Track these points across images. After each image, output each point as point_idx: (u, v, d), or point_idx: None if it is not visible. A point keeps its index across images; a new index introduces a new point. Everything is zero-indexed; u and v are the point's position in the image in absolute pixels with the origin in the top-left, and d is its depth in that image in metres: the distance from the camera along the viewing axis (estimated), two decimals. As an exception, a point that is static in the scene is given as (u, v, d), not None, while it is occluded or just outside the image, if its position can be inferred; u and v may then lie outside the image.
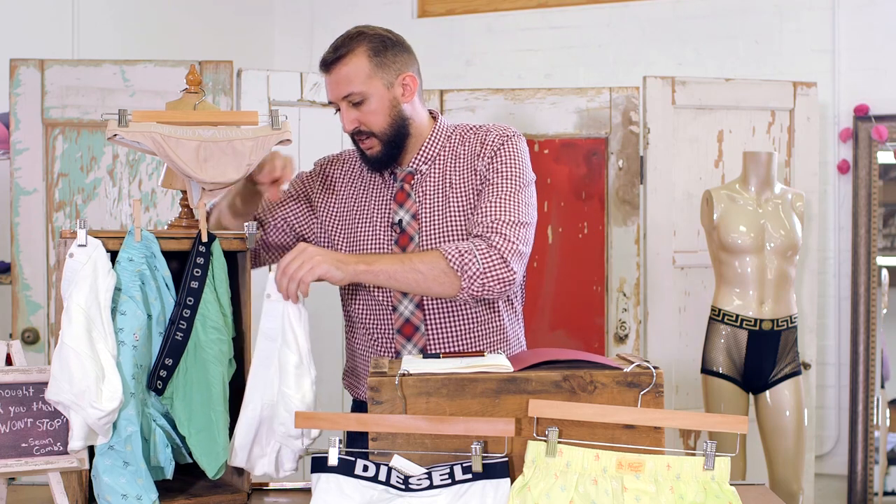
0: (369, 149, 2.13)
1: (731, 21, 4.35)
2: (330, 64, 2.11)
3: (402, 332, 2.14)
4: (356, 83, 2.09)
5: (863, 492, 4.08)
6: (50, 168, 3.30)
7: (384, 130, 2.12)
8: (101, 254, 1.74)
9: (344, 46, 2.10)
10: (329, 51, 2.13)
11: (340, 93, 2.10)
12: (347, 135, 2.17)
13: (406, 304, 2.13)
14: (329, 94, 2.13)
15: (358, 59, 2.10)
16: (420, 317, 2.13)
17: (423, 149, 2.18)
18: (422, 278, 1.97)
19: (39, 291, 3.29)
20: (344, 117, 2.11)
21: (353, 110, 2.10)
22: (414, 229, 2.13)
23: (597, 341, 3.64)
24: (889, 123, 4.12)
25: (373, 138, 2.12)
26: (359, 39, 2.11)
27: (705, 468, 1.62)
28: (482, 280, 1.99)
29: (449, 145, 2.19)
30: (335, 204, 2.25)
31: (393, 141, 2.13)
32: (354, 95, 2.09)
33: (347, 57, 2.10)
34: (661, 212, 3.61)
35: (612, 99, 3.62)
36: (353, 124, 2.11)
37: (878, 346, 4.08)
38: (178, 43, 4.31)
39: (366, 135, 2.12)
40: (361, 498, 1.62)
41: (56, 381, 1.68)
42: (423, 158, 2.17)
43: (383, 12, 4.72)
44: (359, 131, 2.12)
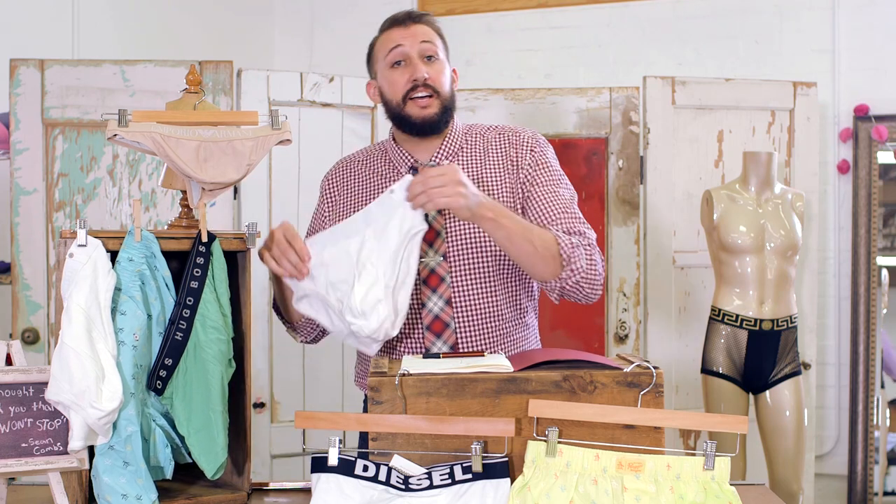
0: (426, 107, 2.13)
1: (731, 21, 4.35)
2: (411, 19, 2.17)
3: (431, 329, 2.13)
4: (434, 42, 2.16)
5: (863, 492, 4.08)
6: (50, 168, 3.31)
7: (445, 94, 2.15)
8: (101, 254, 1.74)
9: (420, 13, 2.20)
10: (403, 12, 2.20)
11: (420, 41, 2.14)
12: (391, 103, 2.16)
13: (435, 300, 2.11)
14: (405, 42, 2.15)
15: (432, 28, 2.19)
16: (450, 313, 2.12)
17: (447, 142, 2.19)
18: (532, 251, 1.99)
19: (39, 291, 3.29)
20: (418, 66, 2.13)
21: (424, 63, 2.14)
22: (440, 224, 2.12)
23: (597, 341, 3.64)
24: (889, 123, 4.12)
25: (434, 98, 2.14)
26: (430, 16, 2.21)
27: (705, 468, 1.62)
28: (578, 277, 2.03)
29: (469, 142, 2.21)
30: (349, 203, 2.24)
31: (448, 109, 2.16)
32: (431, 48, 2.14)
33: (425, 22, 2.18)
34: (661, 212, 3.61)
35: (612, 99, 3.62)
36: (425, 74, 2.13)
37: (878, 346, 4.08)
38: (178, 43, 4.31)
39: (430, 91, 2.13)
40: (361, 498, 1.62)
41: (56, 381, 1.68)
42: (444, 153, 2.18)
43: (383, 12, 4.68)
44: (425, 84, 2.13)
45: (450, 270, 2.12)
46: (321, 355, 3.58)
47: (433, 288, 2.12)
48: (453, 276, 2.12)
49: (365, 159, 2.29)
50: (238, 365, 1.92)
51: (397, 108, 2.16)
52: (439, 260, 2.11)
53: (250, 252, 1.95)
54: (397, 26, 2.17)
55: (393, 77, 2.15)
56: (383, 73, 2.18)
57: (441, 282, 2.12)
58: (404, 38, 2.15)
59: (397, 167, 2.21)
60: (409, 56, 2.14)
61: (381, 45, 2.20)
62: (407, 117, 2.15)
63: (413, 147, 2.20)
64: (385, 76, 2.18)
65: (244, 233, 1.92)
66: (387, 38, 2.18)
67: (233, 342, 1.89)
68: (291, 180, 3.49)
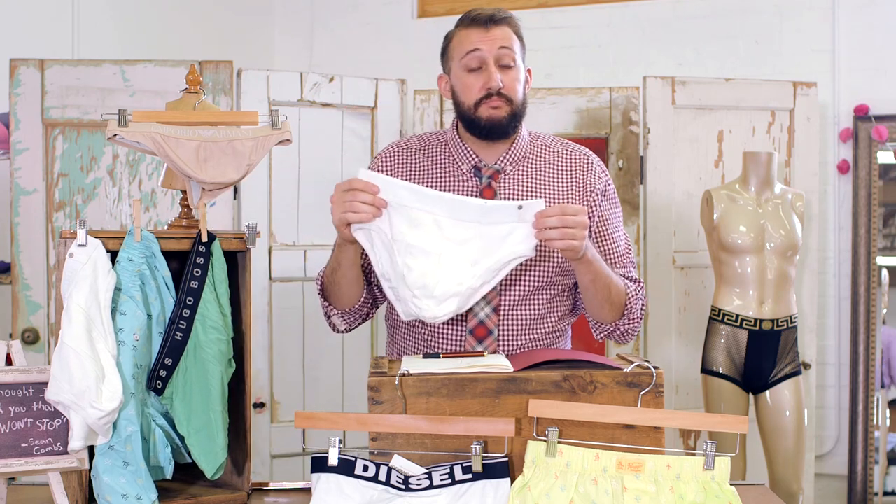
0: (497, 108, 2.09)
1: (731, 21, 4.35)
2: (494, 21, 2.11)
3: (474, 333, 2.11)
4: (512, 48, 2.12)
5: (863, 492, 4.08)
6: (50, 168, 3.30)
7: (518, 102, 2.12)
8: (101, 254, 1.74)
9: (504, 13, 2.14)
10: (489, 10, 2.13)
11: (497, 47, 2.09)
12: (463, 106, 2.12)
13: (482, 305, 2.09)
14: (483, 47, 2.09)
15: (512, 30, 2.14)
16: (495, 321, 2.11)
17: (512, 149, 2.16)
18: (607, 297, 2.07)
19: (39, 291, 3.29)
20: (494, 73, 2.08)
21: (500, 71, 2.10)
22: None
23: (597, 341, 3.64)
24: (889, 123, 4.12)
25: (506, 103, 2.10)
26: (512, 17, 2.16)
27: (705, 468, 1.62)
28: (630, 326, 2.13)
29: (534, 151, 2.19)
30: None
31: (518, 115, 2.13)
32: (509, 56, 2.10)
33: (506, 24, 2.12)
34: (661, 212, 3.61)
35: (612, 99, 3.62)
36: (501, 83, 2.09)
37: (878, 346, 4.08)
38: (178, 43, 4.31)
39: (503, 98, 2.10)
40: (361, 498, 1.62)
41: (56, 381, 1.68)
42: (510, 158, 2.15)
43: (383, 12, 4.72)
44: (500, 93, 2.09)
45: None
46: (321, 355, 3.58)
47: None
48: (503, 285, 2.10)
49: (423, 147, 2.23)
50: (238, 365, 1.92)
51: (468, 112, 2.12)
52: None
53: (250, 252, 1.95)
54: (477, 27, 2.11)
55: (468, 81, 2.11)
56: (457, 73, 2.14)
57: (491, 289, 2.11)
58: (483, 42, 2.09)
59: (458, 163, 2.16)
60: (486, 62, 2.09)
61: (457, 42, 2.14)
62: (477, 120, 2.11)
63: (478, 147, 2.16)
64: (459, 77, 2.13)
65: (244, 233, 1.92)
66: (465, 37, 2.12)
67: (233, 342, 1.89)
68: (291, 180, 3.49)
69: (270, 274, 3.45)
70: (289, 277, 3.47)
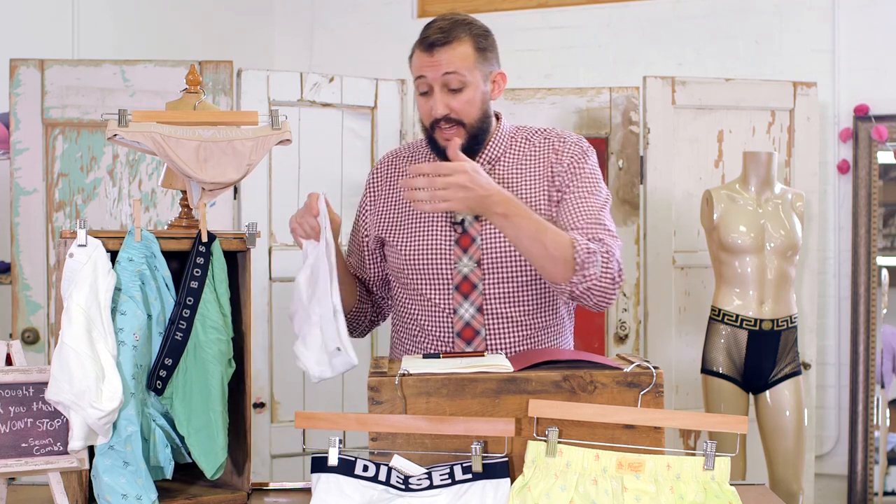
0: (449, 140, 2.06)
1: (731, 21, 4.35)
2: (437, 45, 2.04)
3: (461, 336, 2.11)
4: (462, 69, 2.04)
5: (863, 492, 4.07)
6: (50, 168, 3.30)
7: (473, 122, 2.08)
8: (101, 254, 1.74)
9: (453, 31, 2.05)
10: (434, 31, 2.06)
11: (441, 74, 2.03)
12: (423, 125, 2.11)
13: (467, 307, 2.10)
14: (427, 74, 2.05)
15: (465, 46, 2.05)
16: (481, 321, 2.11)
17: (488, 149, 2.14)
18: (543, 252, 1.94)
19: (39, 291, 3.29)
20: (437, 101, 2.04)
21: (448, 96, 2.05)
22: (476, 230, 2.10)
23: (597, 341, 3.64)
24: (889, 123, 4.11)
25: (459, 127, 2.06)
26: (467, 27, 2.07)
27: (705, 468, 1.62)
28: (590, 284, 1.97)
29: (513, 146, 2.17)
30: (391, 198, 2.21)
31: (477, 135, 2.09)
32: (456, 79, 2.04)
33: (456, 43, 2.04)
34: (661, 212, 3.61)
35: (612, 99, 3.62)
36: (445, 109, 2.04)
37: (878, 346, 4.08)
38: (178, 43, 4.31)
39: (453, 123, 2.06)
40: (361, 498, 1.62)
41: (56, 381, 1.68)
42: (486, 158, 2.14)
43: (383, 12, 4.72)
44: (447, 118, 2.06)
45: (483, 278, 2.10)
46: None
47: (465, 294, 2.10)
48: (486, 284, 2.10)
49: (411, 155, 2.24)
50: (238, 365, 1.92)
51: (428, 132, 2.11)
52: (473, 267, 2.09)
53: (250, 252, 1.95)
54: (423, 50, 2.06)
55: (420, 104, 2.10)
56: (415, 94, 2.12)
57: (473, 289, 2.10)
58: (427, 69, 2.05)
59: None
60: (432, 87, 2.06)
61: (412, 62, 2.11)
62: (436, 143, 2.10)
63: None
64: (416, 98, 2.12)
65: (244, 233, 1.92)
66: (415, 60, 2.09)
67: (233, 342, 1.89)
68: (291, 180, 3.49)
69: (270, 274, 3.45)
70: (289, 277, 3.46)
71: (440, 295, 2.12)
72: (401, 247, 2.15)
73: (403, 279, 2.17)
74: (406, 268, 2.15)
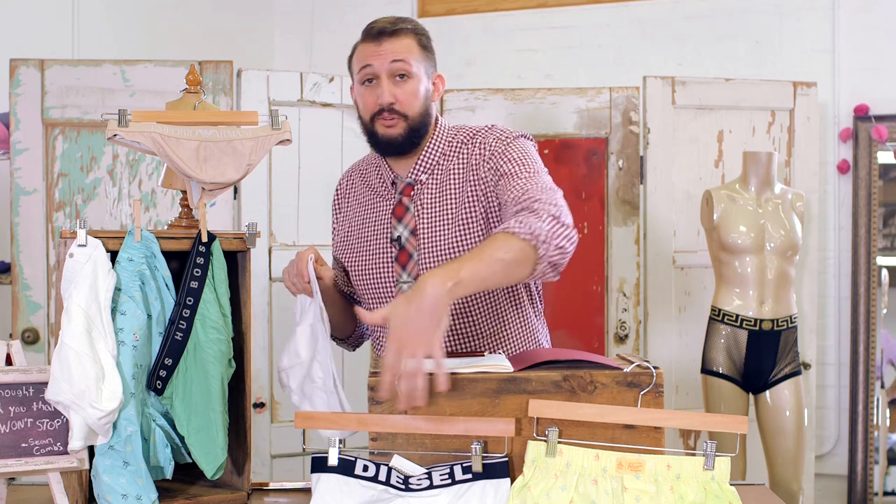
0: (391, 127, 2.05)
1: (731, 21, 4.35)
2: (386, 34, 2.05)
3: None
4: (409, 58, 2.05)
5: (863, 492, 4.08)
6: (50, 168, 3.31)
7: (415, 116, 2.06)
8: (101, 254, 1.74)
9: (399, 23, 2.08)
10: (381, 23, 2.08)
11: (389, 61, 2.03)
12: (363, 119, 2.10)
13: None
14: (374, 63, 2.04)
15: (411, 39, 2.07)
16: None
17: (423, 157, 2.10)
18: (505, 266, 1.77)
19: (39, 291, 3.29)
20: (385, 89, 2.03)
21: (394, 85, 2.04)
22: (413, 246, 2.07)
23: (597, 341, 3.64)
24: (889, 123, 4.11)
25: (400, 119, 2.05)
26: (412, 24, 2.10)
27: (705, 468, 1.62)
28: (552, 241, 1.82)
29: (449, 152, 2.11)
30: (347, 217, 2.22)
31: (417, 130, 2.06)
32: (403, 68, 2.04)
33: (403, 34, 2.06)
34: (661, 212, 3.61)
35: (612, 99, 3.62)
36: (391, 98, 2.03)
37: (879, 346, 4.08)
38: (178, 43, 4.31)
39: (397, 115, 2.04)
40: (361, 498, 1.62)
41: (56, 381, 1.68)
42: (422, 167, 2.10)
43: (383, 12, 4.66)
44: (392, 108, 2.04)
45: None
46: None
47: None
48: None
49: (365, 169, 2.25)
50: (238, 365, 1.92)
51: (367, 126, 2.10)
52: (412, 283, 2.06)
53: (250, 252, 1.95)
54: (370, 41, 2.06)
55: (363, 94, 2.08)
56: (356, 87, 2.10)
57: None
58: (374, 58, 2.04)
59: (384, 180, 2.15)
60: (378, 76, 2.05)
61: (356, 56, 2.10)
62: (375, 136, 2.09)
63: (393, 162, 2.13)
64: (357, 91, 2.10)
65: (244, 233, 1.92)
66: (361, 51, 2.08)
67: (233, 342, 1.89)
68: (291, 180, 3.49)
69: (270, 274, 3.45)
70: (289, 277, 3.47)
71: None
72: (351, 266, 2.17)
73: (361, 298, 2.19)
74: (358, 288, 2.17)
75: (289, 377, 2.00)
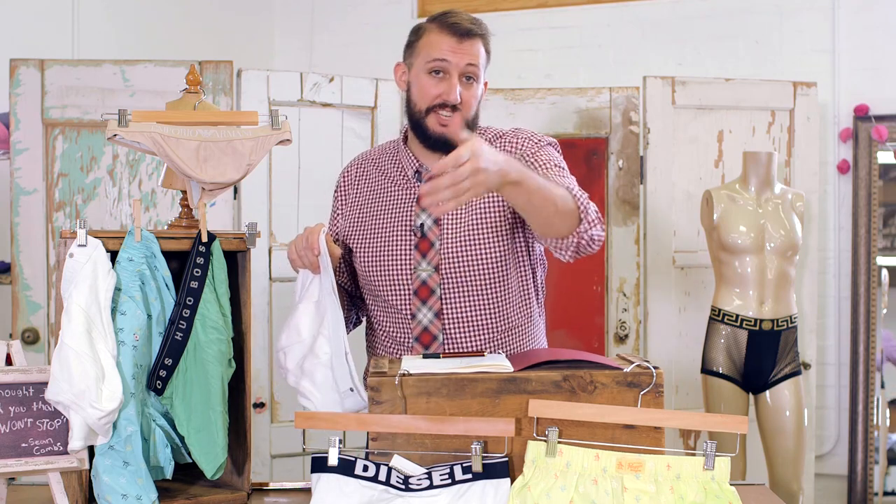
0: (447, 125, 2.07)
1: (731, 21, 4.35)
2: (470, 35, 2.08)
3: (420, 340, 2.12)
4: (479, 64, 2.10)
5: (863, 492, 4.08)
6: (50, 168, 3.31)
7: (469, 117, 2.10)
8: (101, 254, 1.74)
9: (480, 27, 2.11)
10: (466, 21, 2.09)
11: (465, 63, 2.07)
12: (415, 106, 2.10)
13: (425, 311, 2.11)
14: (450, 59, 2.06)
15: (482, 44, 2.12)
16: (438, 325, 2.11)
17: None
18: (554, 209, 1.88)
19: (39, 291, 3.29)
20: (455, 87, 2.06)
21: (462, 85, 2.08)
22: (435, 234, 2.10)
23: (597, 341, 3.64)
24: (889, 123, 4.11)
25: (459, 117, 2.08)
26: (486, 28, 2.13)
27: (705, 468, 1.62)
28: (593, 227, 1.94)
29: None
30: (357, 203, 2.23)
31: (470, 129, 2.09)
32: (474, 72, 2.09)
33: (481, 38, 2.11)
34: (661, 212, 3.61)
35: (612, 99, 3.62)
36: (460, 98, 2.07)
37: (879, 346, 4.08)
38: (178, 43, 4.31)
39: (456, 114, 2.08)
40: (361, 498, 1.62)
41: (56, 381, 1.68)
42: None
43: (383, 12, 4.72)
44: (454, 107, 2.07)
45: (441, 283, 2.10)
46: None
47: (423, 300, 2.11)
48: (444, 289, 2.10)
49: (378, 157, 2.26)
50: (238, 365, 1.92)
51: (418, 115, 2.11)
52: (431, 272, 2.10)
53: (250, 252, 1.95)
54: (450, 35, 2.07)
55: (426, 83, 2.09)
56: (418, 73, 2.11)
57: (431, 294, 2.11)
58: (453, 54, 2.07)
59: (405, 170, 2.18)
60: (450, 73, 2.07)
61: (427, 43, 2.10)
62: (425, 128, 2.10)
63: (421, 152, 2.16)
64: (419, 77, 2.11)
65: (244, 233, 1.92)
66: (436, 41, 2.08)
67: (233, 342, 1.89)
68: (291, 180, 3.49)
69: (270, 274, 3.45)
70: (289, 277, 3.47)
71: (399, 300, 2.12)
72: (363, 252, 2.17)
73: (367, 284, 2.19)
74: (368, 273, 2.16)
75: (286, 356, 2.00)
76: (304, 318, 1.98)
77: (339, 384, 1.93)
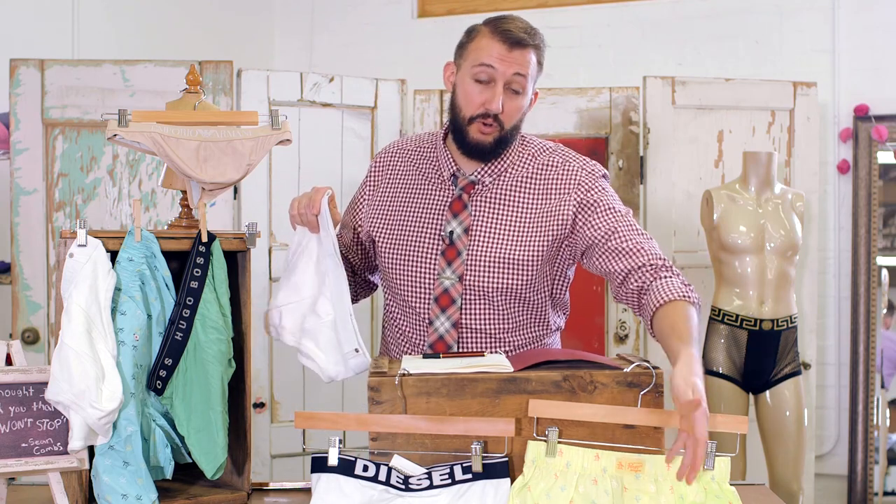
0: (486, 134, 2.03)
1: (731, 21, 4.35)
2: (522, 44, 2.02)
3: (433, 348, 2.09)
4: (528, 75, 2.04)
5: (863, 492, 4.08)
6: (50, 168, 3.31)
7: (510, 129, 2.06)
8: (101, 254, 1.74)
9: (535, 37, 2.06)
10: (520, 29, 2.04)
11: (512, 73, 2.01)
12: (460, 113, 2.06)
13: (443, 320, 2.07)
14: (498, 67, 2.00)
15: (534, 55, 2.05)
16: (455, 336, 2.08)
17: (496, 161, 2.09)
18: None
19: (39, 291, 3.29)
20: (498, 98, 2.01)
21: (507, 95, 2.03)
22: (463, 244, 2.06)
23: (597, 341, 3.64)
24: (889, 123, 4.11)
25: (497, 129, 2.03)
26: (540, 39, 2.08)
27: (705, 468, 1.62)
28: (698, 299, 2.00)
29: (518, 162, 2.10)
30: (388, 193, 2.18)
31: (507, 141, 2.07)
32: (521, 83, 2.02)
33: (533, 49, 2.04)
34: (660, 212, 3.61)
35: (612, 99, 3.62)
36: (501, 109, 2.02)
37: (879, 346, 4.08)
38: (178, 43, 4.31)
39: (497, 124, 2.03)
40: (361, 498, 1.62)
41: (56, 381, 1.68)
42: (489, 170, 2.09)
43: (383, 12, 4.72)
44: (495, 116, 2.03)
45: (463, 293, 2.06)
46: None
47: (443, 308, 2.07)
48: (465, 300, 2.07)
49: (416, 148, 2.20)
50: (238, 365, 1.92)
51: (461, 121, 2.06)
52: (454, 281, 2.06)
53: (250, 252, 1.95)
54: (503, 42, 2.01)
55: (471, 91, 2.04)
56: (465, 77, 2.05)
57: (452, 303, 2.07)
58: (501, 62, 2.00)
59: (441, 169, 2.13)
60: (495, 80, 2.02)
61: (476, 47, 2.04)
62: (465, 134, 2.06)
63: (459, 155, 2.10)
64: (465, 83, 2.06)
65: (244, 233, 1.92)
66: (486, 46, 2.02)
67: (233, 342, 1.89)
68: (291, 180, 3.49)
69: (270, 274, 3.45)
70: (289, 277, 3.47)
71: (419, 303, 2.10)
72: (389, 249, 2.13)
73: (389, 280, 2.16)
74: (391, 270, 2.13)
75: (282, 315, 1.98)
76: (304, 277, 1.97)
77: (344, 345, 1.92)
